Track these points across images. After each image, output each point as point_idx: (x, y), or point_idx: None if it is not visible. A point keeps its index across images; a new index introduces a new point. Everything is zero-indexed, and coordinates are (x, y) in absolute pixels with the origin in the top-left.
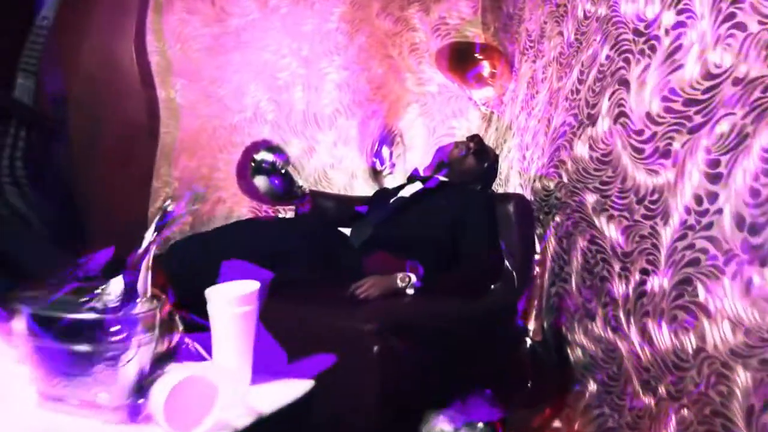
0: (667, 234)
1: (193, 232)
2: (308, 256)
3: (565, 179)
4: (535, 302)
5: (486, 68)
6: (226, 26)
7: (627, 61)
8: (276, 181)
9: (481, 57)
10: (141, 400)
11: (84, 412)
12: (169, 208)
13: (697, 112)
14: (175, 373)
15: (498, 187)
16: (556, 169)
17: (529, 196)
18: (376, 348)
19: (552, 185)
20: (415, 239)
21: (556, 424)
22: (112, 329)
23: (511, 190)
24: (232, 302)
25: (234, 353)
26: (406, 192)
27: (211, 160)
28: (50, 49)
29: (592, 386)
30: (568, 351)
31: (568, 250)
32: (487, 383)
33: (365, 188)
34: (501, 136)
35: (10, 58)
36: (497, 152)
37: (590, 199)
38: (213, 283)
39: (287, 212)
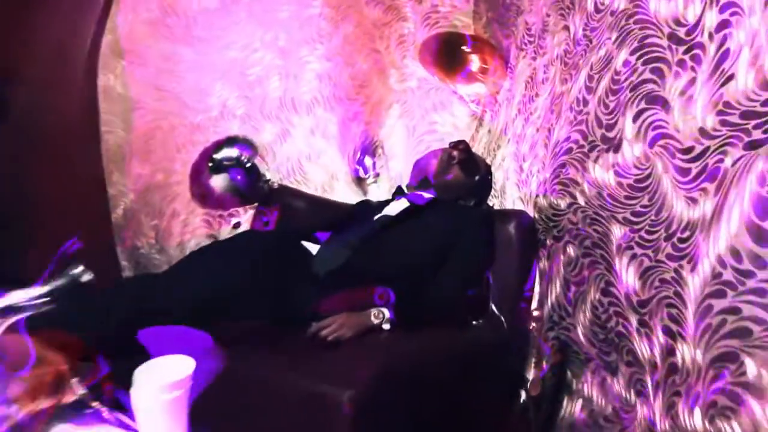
0: (695, 284)
1: (150, 250)
2: (254, 295)
3: (581, 201)
4: (533, 351)
5: (475, 63)
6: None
7: (659, 73)
8: (238, 176)
9: (469, 50)
10: None
11: None
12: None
13: (756, 127)
14: None
15: (493, 198)
16: (565, 188)
17: (531, 213)
18: (350, 419)
19: (563, 204)
20: (396, 268)
21: None
22: None
23: (509, 203)
24: (160, 389)
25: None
26: (391, 210)
27: (168, 164)
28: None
29: None
30: (566, 402)
31: (576, 300)
32: None
33: (347, 193)
34: (494, 140)
35: None
36: (489, 160)
37: (617, 232)
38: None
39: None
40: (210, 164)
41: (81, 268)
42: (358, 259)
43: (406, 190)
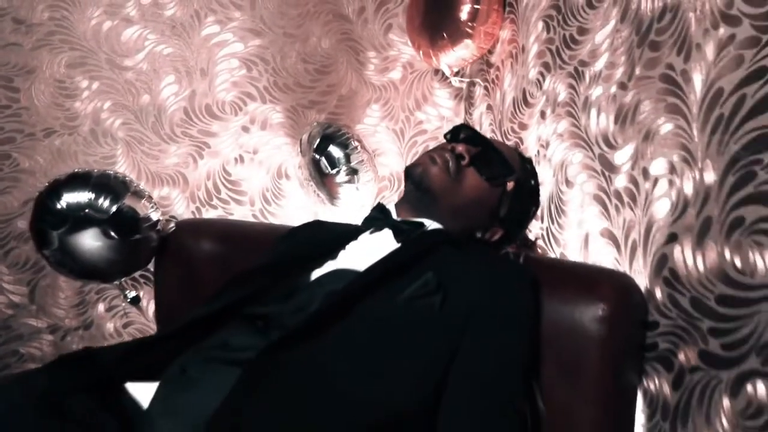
0: None
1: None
2: None
3: None
4: None
5: (466, 5)
6: None
7: None
8: (109, 234)
9: None
10: None
11: None
12: None
13: None
14: None
15: (527, 231)
16: (763, 204)
17: (644, 277)
18: None
19: (761, 264)
20: (353, 411)
21: None
22: None
23: (572, 235)
24: None
25: None
26: (356, 253)
27: (27, 210)
28: None
29: None
30: None
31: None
32: None
33: (304, 200)
34: (506, 118)
35: None
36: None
37: None
38: None
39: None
40: (51, 218)
41: None
42: (261, 399)
43: (394, 213)
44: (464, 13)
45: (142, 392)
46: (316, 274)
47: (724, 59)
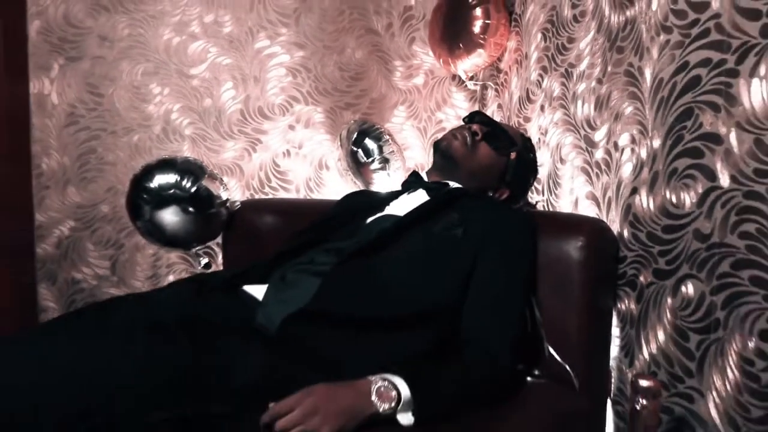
0: None
1: (101, 282)
2: (158, 380)
3: (723, 180)
4: None
5: (478, 21)
6: None
7: None
8: (188, 210)
9: (474, 2)
10: None
11: None
12: None
13: None
14: None
15: (533, 195)
16: (695, 160)
17: (616, 223)
18: None
19: (688, 201)
20: (399, 308)
21: None
22: None
23: (566, 201)
24: None
25: None
26: (398, 206)
27: (111, 195)
28: None
29: None
30: None
31: (704, 353)
32: None
33: (342, 186)
34: (513, 113)
35: None
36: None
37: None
38: None
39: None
40: (145, 196)
41: None
42: (336, 294)
43: (425, 177)
44: (477, 27)
45: (255, 291)
46: (369, 220)
47: (663, 57)
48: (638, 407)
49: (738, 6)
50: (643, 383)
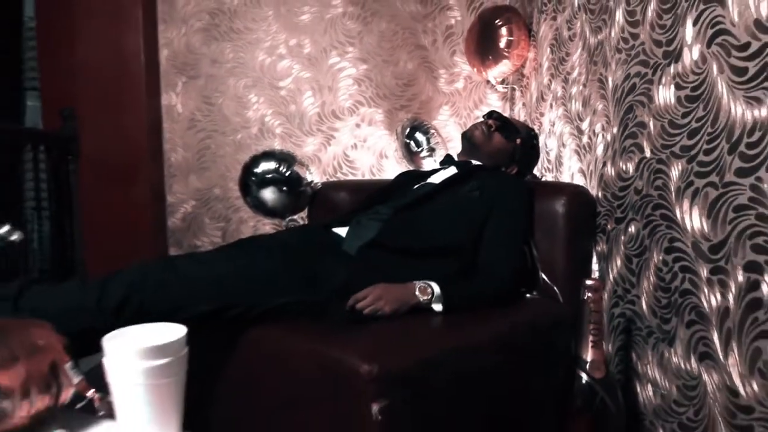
0: None
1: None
2: (290, 281)
3: (647, 152)
4: (591, 327)
5: (503, 38)
6: (220, 2)
7: None
8: (283, 188)
9: (501, 23)
10: None
11: None
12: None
13: None
14: None
15: (547, 173)
16: (634, 140)
17: (594, 188)
18: (376, 408)
19: (631, 167)
20: (434, 242)
21: None
22: None
23: (566, 175)
24: (137, 355)
25: (146, 423)
26: (436, 178)
27: (221, 180)
28: (47, 56)
29: None
30: (637, 388)
31: (638, 270)
32: (536, 427)
33: (399, 169)
34: (533, 110)
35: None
36: (536, 128)
37: (674, 173)
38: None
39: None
40: (253, 179)
41: (8, 227)
42: (394, 233)
43: (456, 158)
44: (503, 42)
45: (341, 231)
46: (415, 187)
47: (618, 70)
48: (585, 298)
49: (653, 38)
50: (588, 282)
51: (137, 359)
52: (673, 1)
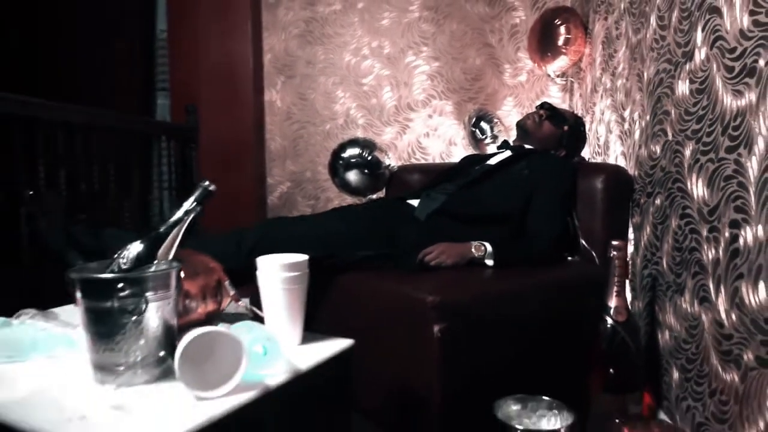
0: (753, 166)
1: None
2: (372, 239)
3: (670, 136)
4: (615, 278)
5: (561, 36)
6: (314, 11)
7: None
8: (365, 171)
9: (560, 22)
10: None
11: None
12: (211, 188)
13: None
14: (198, 330)
15: (596, 156)
16: (660, 126)
17: (632, 168)
18: (437, 328)
19: (658, 149)
20: (488, 211)
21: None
22: (120, 286)
23: (612, 158)
24: (279, 269)
25: (282, 316)
26: (494, 160)
27: (312, 165)
28: (175, 62)
29: (675, 374)
30: (658, 334)
31: (661, 235)
32: (566, 365)
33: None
34: (587, 100)
35: (144, 82)
36: (589, 117)
37: (687, 152)
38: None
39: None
40: (340, 162)
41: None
42: (457, 203)
43: (511, 143)
44: (561, 40)
45: (413, 202)
46: (476, 168)
47: (651, 65)
48: (611, 255)
49: (675, 40)
50: (614, 243)
51: (280, 271)
52: (689, 11)
